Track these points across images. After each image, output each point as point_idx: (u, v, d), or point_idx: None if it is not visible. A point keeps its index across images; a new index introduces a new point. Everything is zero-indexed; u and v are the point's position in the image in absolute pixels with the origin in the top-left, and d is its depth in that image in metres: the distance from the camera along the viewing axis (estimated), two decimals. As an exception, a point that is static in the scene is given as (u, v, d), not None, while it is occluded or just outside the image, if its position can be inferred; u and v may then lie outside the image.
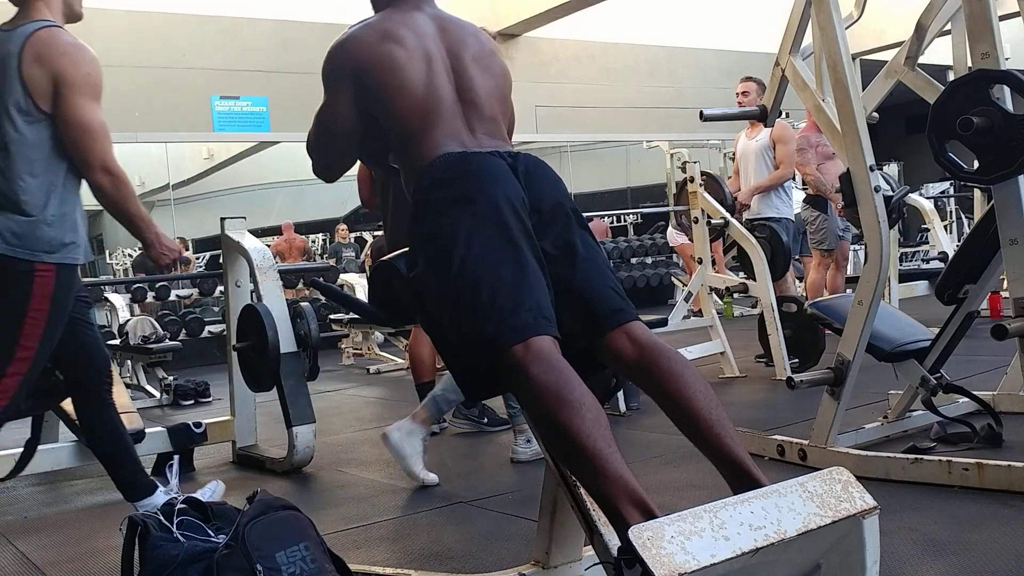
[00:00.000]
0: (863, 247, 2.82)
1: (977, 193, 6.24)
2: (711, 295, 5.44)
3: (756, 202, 5.57)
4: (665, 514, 1.34)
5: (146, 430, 3.70)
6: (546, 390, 1.49)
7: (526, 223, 1.69)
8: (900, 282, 6.50)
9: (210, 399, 6.38)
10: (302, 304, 3.96)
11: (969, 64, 2.65)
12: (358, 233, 12.08)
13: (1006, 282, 2.70)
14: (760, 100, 5.27)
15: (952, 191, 11.29)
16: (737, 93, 5.56)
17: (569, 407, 1.46)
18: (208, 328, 9.27)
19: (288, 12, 9.87)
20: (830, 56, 2.73)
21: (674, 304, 6.16)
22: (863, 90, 3.23)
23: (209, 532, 1.77)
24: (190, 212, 12.25)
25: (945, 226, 9.02)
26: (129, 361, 6.92)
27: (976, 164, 2.58)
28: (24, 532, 3.09)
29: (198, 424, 3.88)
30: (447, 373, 3.08)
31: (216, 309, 10.40)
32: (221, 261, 4.09)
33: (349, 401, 5.96)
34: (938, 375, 3.03)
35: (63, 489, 3.82)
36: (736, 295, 7.04)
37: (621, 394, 4.23)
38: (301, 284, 9.79)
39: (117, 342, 6.91)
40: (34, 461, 3.67)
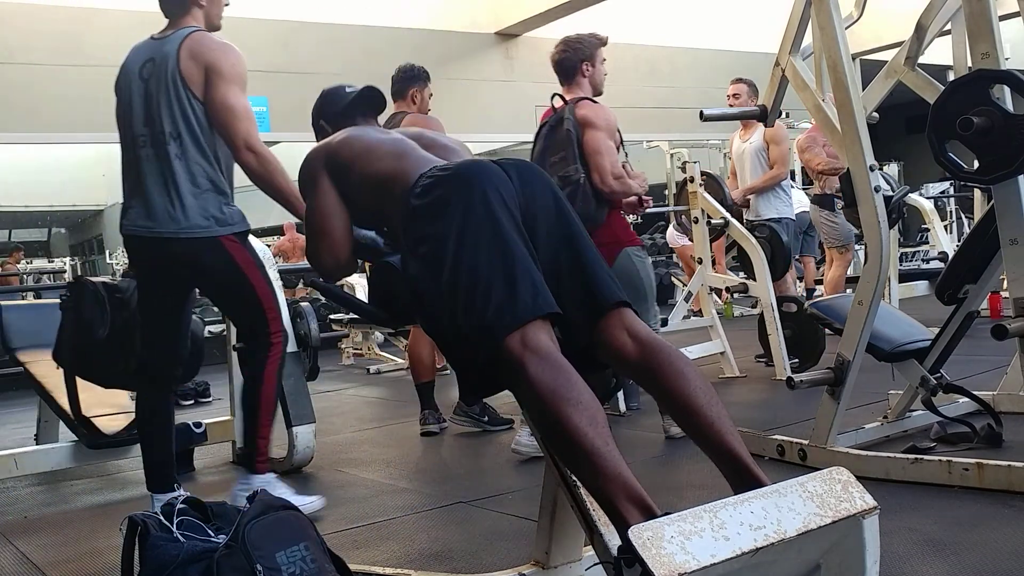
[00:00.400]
0: (863, 247, 2.82)
1: (977, 193, 6.23)
2: (711, 295, 5.44)
3: (756, 203, 5.57)
4: (665, 514, 1.34)
5: (146, 430, 3.70)
6: (544, 388, 1.49)
7: (516, 214, 1.70)
8: (900, 282, 6.50)
9: (210, 399, 6.38)
10: (302, 304, 3.96)
11: (969, 64, 2.65)
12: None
13: (1006, 282, 2.70)
14: (751, 101, 5.30)
15: (952, 191, 11.29)
16: (728, 95, 5.52)
17: (567, 405, 1.47)
18: (208, 328, 9.26)
19: (288, 12, 9.86)
20: (830, 56, 2.73)
21: (674, 304, 6.16)
22: (863, 90, 3.22)
23: (209, 532, 1.77)
24: (190, 212, 12.24)
25: (945, 226, 9.02)
26: (129, 361, 6.92)
27: (976, 164, 2.58)
28: (24, 532, 3.09)
29: (198, 424, 3.88)
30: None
31: (216, 309, 10.40)
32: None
33: (349, 401, 5.96)
34: (938, 375, 3.03)
35: (63, 489, 3.82)
36: (736, 295, 7.06)
37: (621, 394, 4.23)
38: (300, 284, 9.78)
39: (117, 342, 6.90)
40: (34, 461, 3.68)
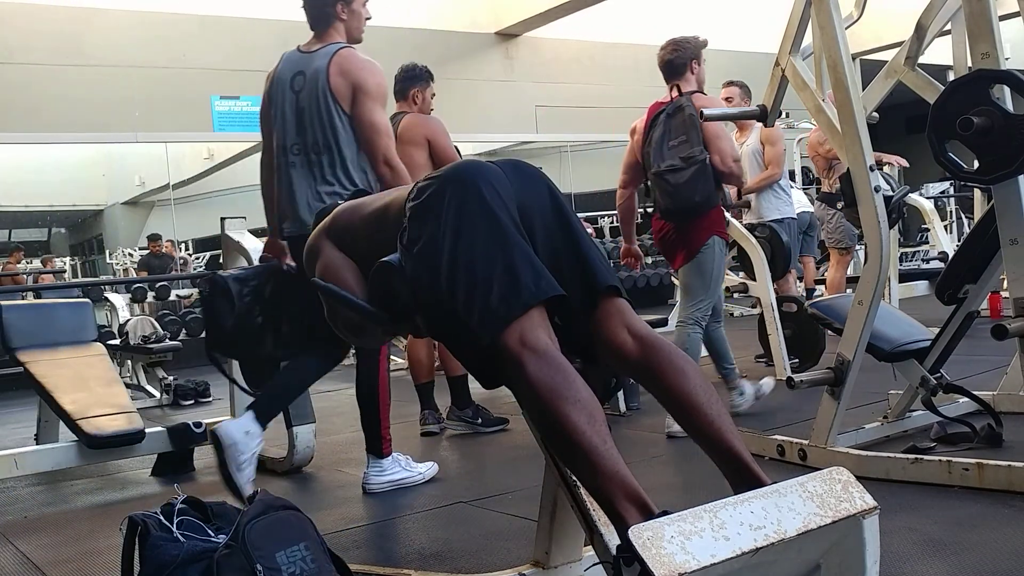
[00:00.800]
0: (863, 247, 2.82)
1: (977, 193, 6.22)
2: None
3: (758, 205, 5.57)
4: (663, 513, 1.34)
5: (146, 430, 3.71)
6: (543, 386, 1.49)
7: (512, 210, 1.70)
8: (900, 282, 6.50)
9: (210, 399, 6.38)
10: (302, 304, 3.95)
11: (969, 64, 2.65)
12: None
13: (1006, 282, 2.70)
14: (744, 103, 5.33)
15: (952, 191, 11.28)
16: (721, 98, 5.48)
17: (566, 403, 1.47)
18: (208, 328, 9.26)
19: (288, 12, 9.82)
20: (830, 56, 2.73)
21: (674, 304, 6.16)
22: (863, 90, 3.22)
23: (209, 532, 1.77)
24: (190, 212, 12.24)
25: (945, 226, 9.02)
26: (129, 361, 6.93)
27: (976, 164, 2.58)
28: (24, 532, 3.09)
29: (198, 424, 3.88)
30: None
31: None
32: (221, 261, 4.09)
33: (349, 401, 5.93)
34: (938, 375, 3.03)
35: (63, 489, 3.82)
36: (736, 295, 7.06)
37: (621, 394, 4.23)
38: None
39: (117, 342, 6.91)
40: (34, 461, 3.68)
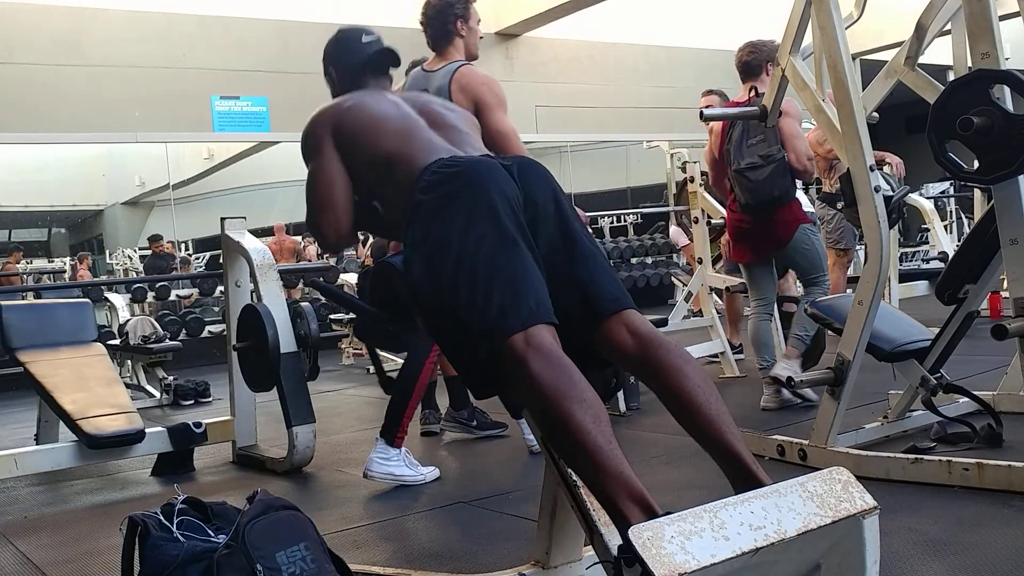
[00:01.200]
0: (863, 247, 2.82)
1: (977, 193, 6.23)
2: (711, 295, 5.44)
3: None
4: (666, 513, 1.34)
5: (146, 430, 3.71)
6: (546, 386, 1.49)
7: (520, 216, 1.70)
8: (900, 282, 6.50)
9: (210, 399, 6.38)
10: (302, 304, 3.96)
11: (969, 64, 2.65)
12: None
13: (1006, 282, 2.70)
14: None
15: (952, 191, 11.28)
16: (701, 108, 5.61)
17: (569, 403, 1.46)
18: (208, 328, 9.27)
19: (288, 12, 9.86)
20: (830, 56, 2.73)
21: (674, 304, 6.16)
22: (863, 90, 3.23)
23: (209, 532, 1.77)
24: (190, 212, 12.26)
25: (945, 226, 9.02)
26: (129, 361, 6.93)
27: (976, 164, 2.58)
28: (24, 532, 3.09)
29: (198, 424, 3.88)
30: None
31: (216, 309, 10.40)
32: (221, 261, 4.09)
33: (349, 401, 5.96)
34: (938, 375, 3.03)
35: (63, 489, 3.82)
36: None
37: (621, 394, 4.23)
38: (300, 284, 9.78)
39: (117, 342, 6.91)
40: (34, 461, 3.68)
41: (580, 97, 12.01)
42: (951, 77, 2.76)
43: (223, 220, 3.92)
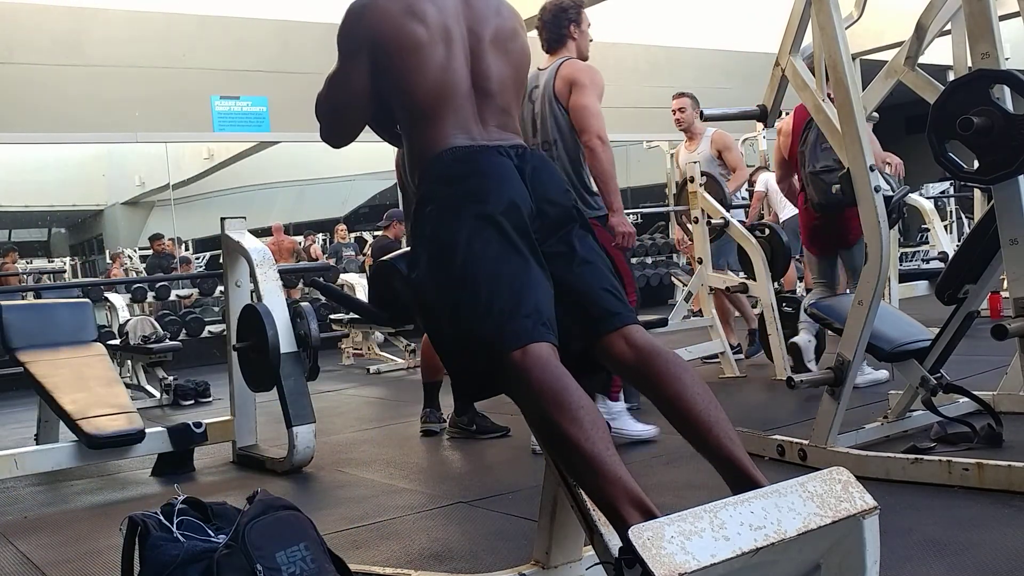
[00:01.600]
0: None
1: (977, 193, 6.23)
2: (711, 295, 5.43)
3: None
4: (665, 514, 1.34)
5: (146, 430, 3.71)
6: (545, 394, 1.50)
7: (528, 226, 1.69)
8: (900, 282, 6.49)
9: (210, 399, 6.38)
10: (302, 304, 3.96)
11: (969, 64, 2.65)
12: (358, 233, 12.06)
13: (1006, 282, 2.70)
14: (695, 113, 5.58)
15: (952, 191, 11.28)
16: (673, 110, 5.81)
17: (568, 411, 1.47)
18: (208, 328, 9.27)
19: (288, 12, 9.86)
20: (830, 56, 2.73)
21: (674, 304, 6.16)
22: (863, 90, 3.22)
23: (209, 532, 1.77)
24: (190, 212, 12.26)
25: (945, 226, 9.01)
26: (129, 361, 6.93)
27: (976, 164, 2.58)
28: (24, 532, 3.09)
29: (198, 424, 3.88)
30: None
31: (216, 309, 10.41)
32: (221, 261, 4.09)
33: (349, 401, 5.96)
34: (938, 375, 3.03)
35: (63, 489, 3.82)
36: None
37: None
38: (300, 284, 9.78)
39: (117, 342, 6.91)
40: (34, 461, 3.68)
41: (580, 97, 11.98)
42: (951, 77, 2.76)
43: (223, 220, 3.92)
